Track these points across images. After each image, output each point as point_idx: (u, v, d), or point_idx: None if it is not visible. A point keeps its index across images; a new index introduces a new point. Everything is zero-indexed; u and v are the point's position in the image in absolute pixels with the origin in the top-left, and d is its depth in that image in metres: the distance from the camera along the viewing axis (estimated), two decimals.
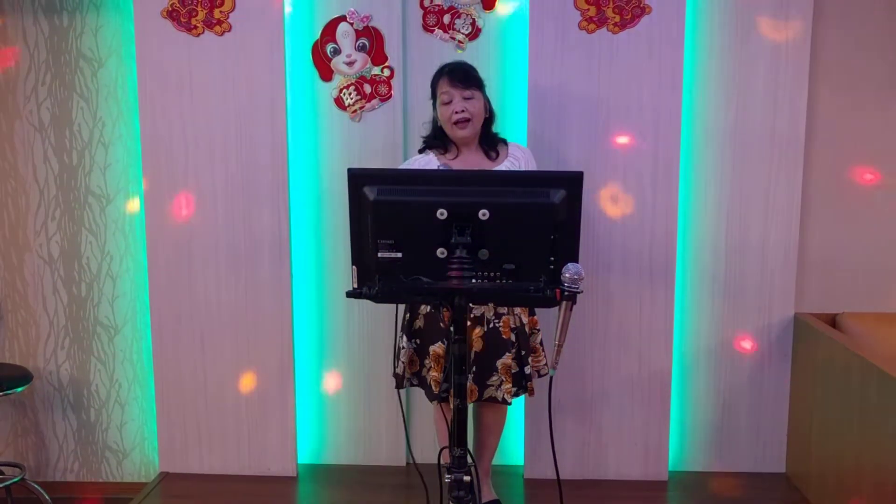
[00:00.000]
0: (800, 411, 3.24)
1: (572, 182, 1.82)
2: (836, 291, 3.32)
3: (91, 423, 3.54)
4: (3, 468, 3.43)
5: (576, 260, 1.82)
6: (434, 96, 2.79)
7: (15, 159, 3.38)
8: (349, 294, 1.82)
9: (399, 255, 1.84)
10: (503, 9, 3.17)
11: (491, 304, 2.66)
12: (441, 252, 1.81)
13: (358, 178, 1.86)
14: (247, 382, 3.31)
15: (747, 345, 3.30)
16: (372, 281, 1.85)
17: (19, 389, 3.17)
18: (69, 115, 3.34)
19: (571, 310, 1.77)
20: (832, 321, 3.25)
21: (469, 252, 1.79)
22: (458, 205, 1.80)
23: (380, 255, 1.85)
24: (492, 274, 1.83)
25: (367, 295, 1.80)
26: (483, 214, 1.79)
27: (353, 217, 1.88)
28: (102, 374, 3.50)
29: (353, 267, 1.90)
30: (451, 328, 1.81)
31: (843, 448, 2.81)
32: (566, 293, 1.74)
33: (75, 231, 3.41)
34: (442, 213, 1.79)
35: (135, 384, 3.50)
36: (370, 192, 1.84)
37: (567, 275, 1.74)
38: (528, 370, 2.83)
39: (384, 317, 3.29)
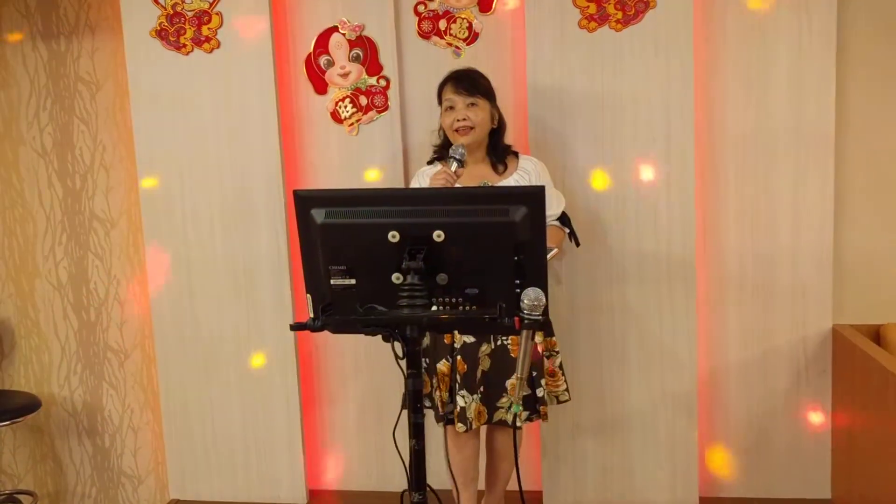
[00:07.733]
0: (843, 431, 2.96)
1: (533, 198, 1.64)
2: (879, 300, 3.02)
3: (106, 449, 3.50)
4: (19, 496, 3.43)
5: (544, 282, 1.65)
6: (441, 103, 2.68)
7: (21, 186, 3.37)
8: (293, 327, 1.68)
9: (353, 281, 1.71)
10: (501, 10, 3.00)
11: None
12: (397, 277, 1.67)
13: (304, 200, 1.73)
14: (253, 407, 3.22)
15: (781, 360, 3.04)
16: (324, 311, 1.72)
17: (26, 417, 3.14)
18: (70, 140, 3.31)
19: (534, 339, 1.60)
20: (875, 333, 2.96)
21: (425, 277, 1.64)
22: (411, 226, 1.66)
23: (332, 282, 1.72)
24: (453, 300, 1.69)
25: (310, 327, 1.65)
26: (437, 236, 1.64)
27: (302, 242, 1.75)
28: (115, 399, 3.47)
29: (308, 295, 1.77)
30: (405, 363, 1.66)
31: (890, 472, 2.53)
32: (525, 321, 1.57)
33: (82, 255, 3.38)
34: (394, 236, 1.65)
35: (146, 409, 3.46)
36: (318, 215, 1.71)
37: (526, 301, 1.57)
38: (540, 392, 2.65)
39: None
